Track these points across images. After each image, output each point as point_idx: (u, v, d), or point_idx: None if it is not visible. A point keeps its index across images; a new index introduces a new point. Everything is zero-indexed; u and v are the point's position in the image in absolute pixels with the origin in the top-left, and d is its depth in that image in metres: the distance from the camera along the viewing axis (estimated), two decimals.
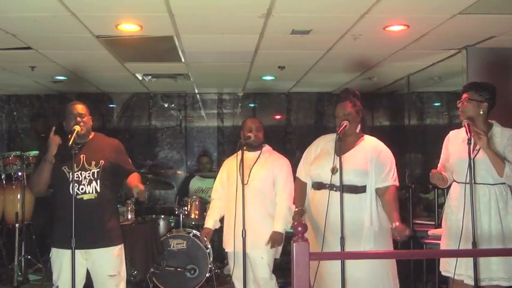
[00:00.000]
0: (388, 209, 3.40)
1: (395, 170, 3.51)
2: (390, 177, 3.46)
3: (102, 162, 3.49)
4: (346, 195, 3.34)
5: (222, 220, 4.22)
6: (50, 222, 5.85)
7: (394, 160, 3.53)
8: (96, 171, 3.46)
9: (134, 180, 3.59)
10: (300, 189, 3.73)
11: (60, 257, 3.42)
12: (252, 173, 3.99)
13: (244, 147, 4.07)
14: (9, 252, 5.68)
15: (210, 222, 4.18)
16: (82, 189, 3.42)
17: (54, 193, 3.58)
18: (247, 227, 3.85)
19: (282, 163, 4.06)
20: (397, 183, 3.50)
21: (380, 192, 3.43)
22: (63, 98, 7.66)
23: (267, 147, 4.17)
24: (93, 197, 3.43)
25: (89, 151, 3.51)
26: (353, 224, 3.33)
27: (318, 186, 3.50)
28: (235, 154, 4.14)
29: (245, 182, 3.94)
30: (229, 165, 4.18)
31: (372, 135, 3.64)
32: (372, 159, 3.43)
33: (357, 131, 3.52)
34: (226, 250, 4.14)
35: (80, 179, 3.43)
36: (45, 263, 5.83)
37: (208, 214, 4.31)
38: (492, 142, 3.36)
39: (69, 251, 3.32)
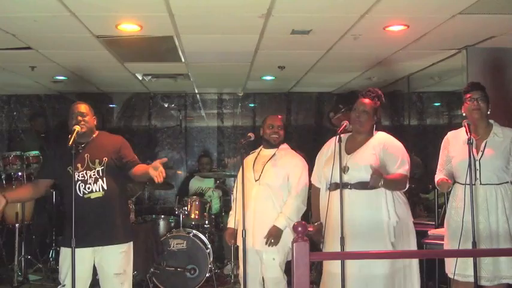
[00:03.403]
0: None
1: (408, 162, 3.43)
2: (400, 168, 3.36)
3: (105, 159, 3.49)
4: (360, 192, 3.34)
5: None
6: (52, 221, 5.87)
7: (403, 150, 3.45)
8: (100, 169, 3.47)
9: (144, 166, 3.51)
10: (316, 198, 3.67)
11: (69, 257, 3.39)
12: (265, 170, 3.98)
13: (262, 145, 4.12)
14: (9, 252, 5.67)
15: (232, 222, 4.13)
16: (89, 188, 3.43)
17: (62, 193, 3.60)
18: (258, 225, 3.88)
19: (296, 161, 4.01)
20: (406, 170, 3.39)
21: None
22: (63, 98, 7.67)
23: (284, 146, 4.13)
24: (101, 195, 3.44)
25: (93, 150, 3.51)
26: (373, 220, 3.32)
27: (335, 186, 3.43)
28: (254, 151, 4.18)
29: (257, 178, 3.95)
30: (246, 163, 4.10)
31: None
32: (380, 153, 3.39)
33: (373, 130, 3.50)
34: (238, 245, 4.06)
35: (86, 178, 3.44)
36: (45, 263, 5.84)
37: (231, 214, 4.22)
38: (493, 141, 3.40)
39: (77, 250, 3.33)
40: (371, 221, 3.32)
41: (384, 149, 3.41)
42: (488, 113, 3.43)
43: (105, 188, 3.46)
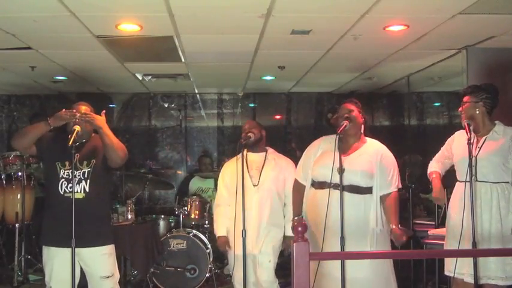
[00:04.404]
0: (388, 212, 3.42)
1: (398, 173, 3.52)
2: (393, 184, 3.47)
3: (93, 161, 3.48)
4: (350, 195, 3.35)
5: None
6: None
7: (396, 164, 3.54)
8: (87, 170, 3.46)
9: None
10: (298, 193, 3.69)
11: (51, 257, 3.41)
12: (263, 174, 3.98)
13: (246, 149, 4.07)
14: (9, 252, 5.67)
15: (223, 230, 4.04)
16: (70, 187, 3.40)
17: (45, 188, 3.59)
18: (262, 230, 3.88)
19: (291, 166, 4.03)
20: (399, 187, 3.50)
21: (383, 198, 3.45)
22: (63, 98, 7.66)
23: (271, 150, 4.16)
24: (81, 197, 3.41)
25: (84, 151, 3.51)
26: (356, 223, 3.33)
27: (320, 185, 3.47)
28: (235, 157, 4.08)
29: (256, 184, 3.95)
30: (231, 168, 4.07)
31: (372, 135, 3.66)
32: (377, 163, 3.44)
33: (361, 131, 3.54)
34: (236, 253, 3.98)
35: (70, 177, 3.41)
36: None
37: (217, 221, 4.12)
38: (492, 138, 3.44)
39: (60, 250, 3.32)
40: (357, 226, 3.34)
41: (381, 161, 3.46)
42: (477, 112, 3.46)
43: (87, 190, 3.43)
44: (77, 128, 3.41)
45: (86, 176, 3.45)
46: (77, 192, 3.40)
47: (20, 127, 7.88)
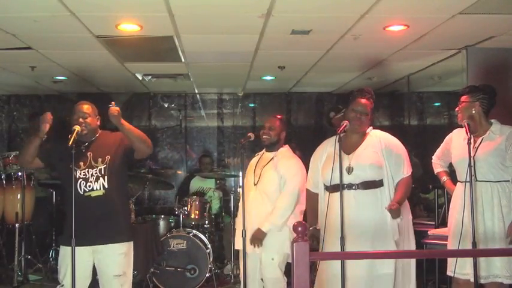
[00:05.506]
0: (395, 192, 3.40)
1: (407, 157, 3.49)
2: (405, 169, 3.44)
3: (108, 158, 3.49)
4: (365, 192, 3.33)
5: None
6: (52, 221, 5.87)
7: (403, 148, 3.50)
8: (102, 167, 3.47)
9: None
10: (311, 203, 3.61)
11: (68, 256, 3.40)
12: (262, 174, 3.99)
13: (264, 149, 4.13)
14: (9, 252, 5.67)
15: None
16: (89, 186, 3.43)
17: (63, 191, 3.60)
18: (254, 227, 3.88)
19: (290, 164, 3.97)
20: (410, 172, 3.46)
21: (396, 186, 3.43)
22: (63, 98, 7.67)
23: (284, 148, 4.10)
24: (101, 193, 3.44)
25: (96, 149, 3.52)
26: (379, 219, 3.32)
27: (335, 188, 3.37)
28: (257, 154, 4.20)
29: (255, 183, 3.97)
30: (249, 166, 4.16)
31: None
32: (383, 151, 3.40)
33: (367, 130, 3.51)
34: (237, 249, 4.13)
35: (87, 177, 3.44)
36: (45, 263, 5.84)
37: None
38: (489, 138, 3.44)
39: (77, 249, 3.32)
40: (377, 221, 3.32)
41: (387, 149, 3.42)
42: (473, 112, 3.46)
43: (106, 186, 3.45)
44: (77, 128, 3.41)
45: (102, 172, 3.46)
46: (97, 189, 3.43)
47: (19, 127, 7.89)
